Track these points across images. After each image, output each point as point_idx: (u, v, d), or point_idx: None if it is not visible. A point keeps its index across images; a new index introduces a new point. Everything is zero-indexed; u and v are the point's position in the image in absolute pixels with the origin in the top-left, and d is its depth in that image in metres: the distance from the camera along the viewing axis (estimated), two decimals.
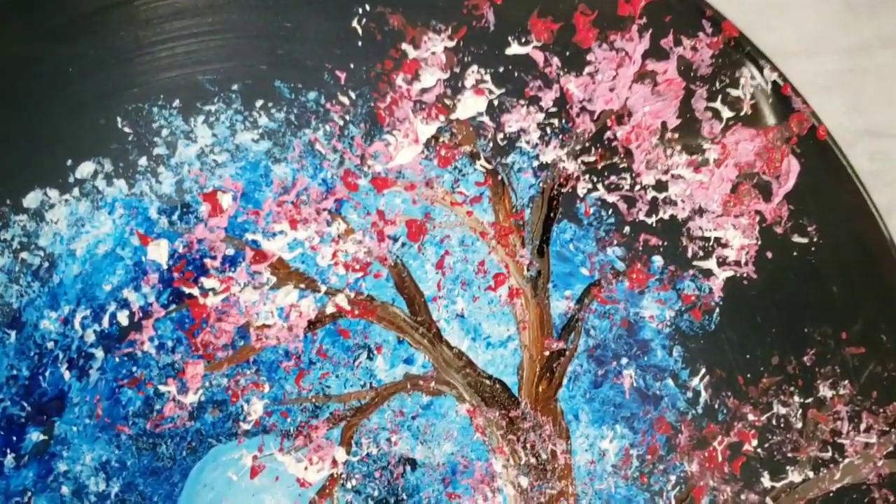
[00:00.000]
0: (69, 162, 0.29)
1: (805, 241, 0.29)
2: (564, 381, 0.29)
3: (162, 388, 0.29)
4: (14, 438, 0.28)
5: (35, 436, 0.28)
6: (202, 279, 0.29)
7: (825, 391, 0.29)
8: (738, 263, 0.29)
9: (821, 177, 0.29)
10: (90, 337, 0.29)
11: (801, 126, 0.29)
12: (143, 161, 0.29)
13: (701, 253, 0.30)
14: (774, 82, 0.28)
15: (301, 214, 0.29)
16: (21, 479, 0.28)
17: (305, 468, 0.29)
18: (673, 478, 0.29)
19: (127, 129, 0.29)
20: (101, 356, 0.29)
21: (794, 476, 0.29)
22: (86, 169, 0.29)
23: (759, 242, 0.29)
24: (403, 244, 0.29)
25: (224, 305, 0.29)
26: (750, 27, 0.29)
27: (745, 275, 0.29)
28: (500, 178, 0.29)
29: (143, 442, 0.28)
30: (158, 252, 0.29)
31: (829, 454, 0.29)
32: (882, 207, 0.30)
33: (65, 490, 0.28)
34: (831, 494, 0.28)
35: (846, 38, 0.32)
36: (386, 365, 0.29)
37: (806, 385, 0.29)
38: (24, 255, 0.29)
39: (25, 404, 0.28)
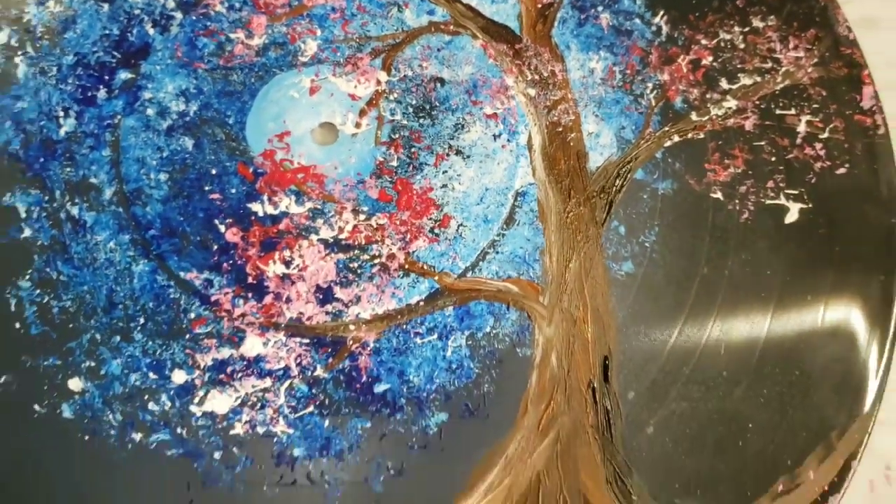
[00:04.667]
0: None
1: None
2: (555, 24, 0.46)
3: (232, 36, 0.44)
4: (106, 78, 0.43)
5: (124, 75, 0.43)
6: None
7: (757, 23, 0.47)
8: None
9: None
10: (171, 4, 0.44)
11: None
12: None
13: None
14: None
15: None
16: (111, 106, 0.42)
17: (355, 86, 0.44)
18: (650, 84, 0.45)
19: None
20: (179, 16, 0.44)
21: (746, 80, 0.46)
22: None
23: None
24: None
25: None
26: None
27: None
28: None
29: (217, 73, 0.43)
30: None
31: (770, 65, 0.46)
32: None
33: (150, 112, 0.42)
34: (777, 92, 0.45)
35: None
36: (413, 16, 0.45)
37: (742, 20, 0.47)
38: None
39: (115, 53, 0.43)
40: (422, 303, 0.37)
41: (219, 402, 0.35)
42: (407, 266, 0.38)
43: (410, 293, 0.37)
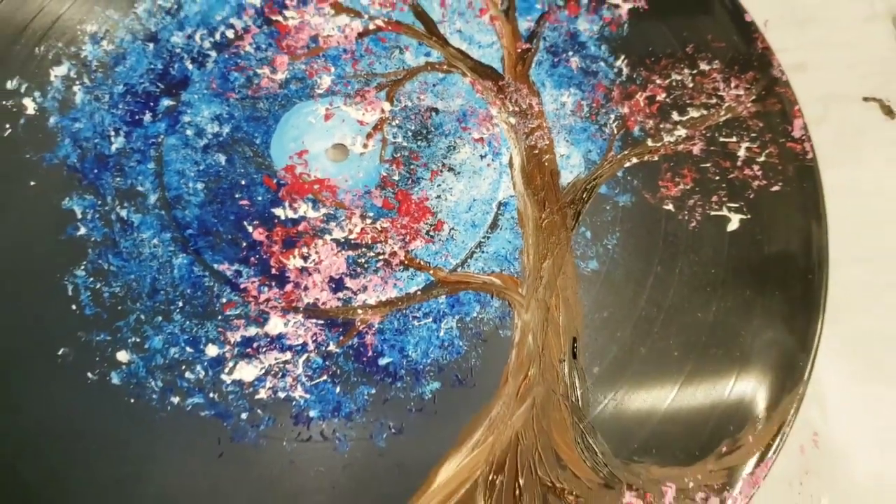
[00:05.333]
0: None
1: None
2: (533, 65, 0.54)
3: (259, 71, 0.52)
4: (151, 104, 0.50)
5: (166, 102, 0.50)
6: (284, 11, 0.54)
7: (704, 66, 0.55)
8: (634, 0, 0.58)
9: None
10: (207, 45, 0.52)
11: None
12: None
13: None
14: None
15: None
16: (156, 128, 0.49)
17: (363, 114, 0.51)
18: (612, 116, 0.53)
19: None
20: (214, 55, 0.52)
21: (694, 113, 0.54)
22: None
23: None
24: None
25: (300, 25, 0.54)
26: None
27: (640, 7, 0.57)
28: None
29: (246, 102, 0.51)
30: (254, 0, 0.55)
31: (714, 101, 0.54)
32: None
33: (189, 132, 0.49)
34: (721, 123, 0.53)
35: None
36: (413, 57, 0.54)
37: (691, 63, 0.55)
38: (160, 1, 0.54)
39: (160, 84, 0.51)
40: (419, 292, 0.44)
41: (246, 371, 0.42)
42: (406, 262, 0.45)
43: (409, 284, 0.44)
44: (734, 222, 0.47)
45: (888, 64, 0.53)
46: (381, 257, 0.44)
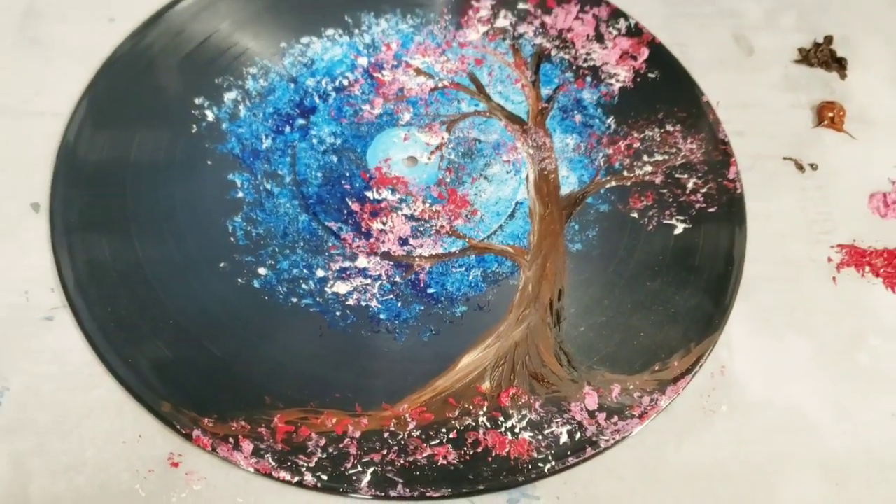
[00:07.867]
0: (321, 29, 0.83)
1: (653, 76, 0.83)
2: (548, 118, 0.78)
3: (363, 107, 0.77)
4: (290, 121, 0.75)
5: (300, 121, 0.75)
6: (382, 71, 0.80)
7: (669, 127, 0.79)
8: (624, 81, 0.82)
9: (658, 58, 0.85)
10: (329, 87, 0.78)
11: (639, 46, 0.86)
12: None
13: (607, 77, 0.83)
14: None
15: (427, 53, 0.83)
16: (292, 136, 0.74)
17: (429, 138, 0.75)
18: (601, 154, 0.76)
19: (348, 18, 0.84)
20: (334, 94, 0.77)
21: (658, 157, 0.77)
22: (329, 31, 0.83)
23: (633, 76, 0.83)
24: (472, 66, 0.82)
25: (392, 80, 0.80)
26: None
27: (628, 87, 0.82)
28: (514, 45, 0.84)
29: (352, 126, 0.76)
30: (362, 62, 0.81)
31: (674, 150, 0.78)
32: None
33: (314, 141, 0.74)
34: (677, 165, 0.76)
35: None
36: (466, 106, 0.78)
37: (660, 124, 0.79)
38: (300, 58, 0.80)
39: (296, 109, 0.76)
40: (457, 251, 0.68)
41: (341, 287, 0.65)
42: (450, 232, 0.69)
43: (451, 246, 0.68)
44: (679, 229, 0.70)
45: (803, 137, 0.77)
46: (433, 228, 0.68)
